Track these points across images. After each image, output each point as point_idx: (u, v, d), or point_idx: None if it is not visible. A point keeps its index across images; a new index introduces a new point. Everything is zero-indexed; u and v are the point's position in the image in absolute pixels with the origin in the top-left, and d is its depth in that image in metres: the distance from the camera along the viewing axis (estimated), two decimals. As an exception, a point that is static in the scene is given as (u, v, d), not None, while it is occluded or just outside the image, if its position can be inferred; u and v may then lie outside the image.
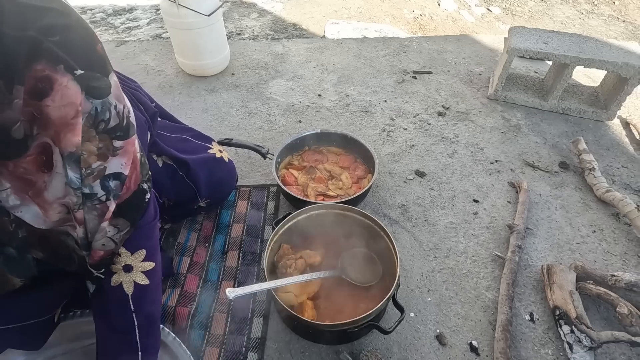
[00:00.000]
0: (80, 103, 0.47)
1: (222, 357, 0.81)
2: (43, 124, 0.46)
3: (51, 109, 0.45)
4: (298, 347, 0.83)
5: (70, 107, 0.46)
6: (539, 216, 1.12)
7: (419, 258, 1.01)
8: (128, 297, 0.58)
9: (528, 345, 0.84)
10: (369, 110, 1.53)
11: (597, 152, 1.32)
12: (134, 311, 0.58)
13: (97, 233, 0.54)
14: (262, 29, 2.61)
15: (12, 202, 0.49)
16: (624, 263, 1.00)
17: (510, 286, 0.91)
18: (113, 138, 0.52)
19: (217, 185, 0.95)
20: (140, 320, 0.59)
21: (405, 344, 0.84)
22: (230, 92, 1.62)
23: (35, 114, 0.45)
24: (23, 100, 0.43)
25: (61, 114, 0.46)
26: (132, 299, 0.58)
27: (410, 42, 2.02)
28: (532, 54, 1.40)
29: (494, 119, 1.48)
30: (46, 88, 0.44)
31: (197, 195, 0.92)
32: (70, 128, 0.47)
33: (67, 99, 0.46)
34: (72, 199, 0.51)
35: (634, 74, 1.31)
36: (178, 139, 0.93)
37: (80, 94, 0.47)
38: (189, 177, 0.88)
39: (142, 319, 0.59)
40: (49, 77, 0.44)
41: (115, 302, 0.58)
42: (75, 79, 0.46)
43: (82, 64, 0.46)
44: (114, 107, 0.51)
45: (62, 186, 0.50)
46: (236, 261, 0.99)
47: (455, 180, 1.23)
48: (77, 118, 0.47)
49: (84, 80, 0.46)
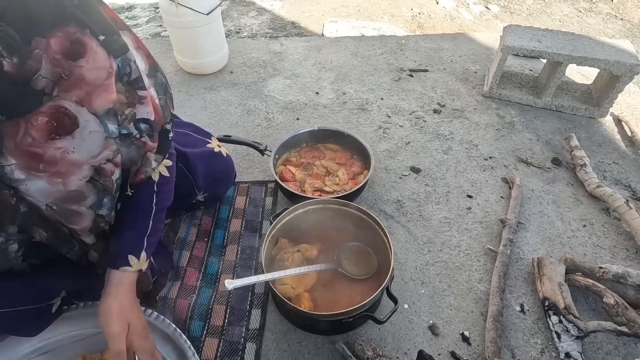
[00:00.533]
0: (110, 65, 0.52)
1: (221, 347, 0.84)
2: (70, 85, 0.49)
3: (85, 70, 0.49)
4: (295, 337, 0.86)
5: (103, 70, 0.51)
6: (531, 211, 1.14)
7: (413, 252, 1.04)
8: (154, 183, 0.71)
9: (518, 335, 0.87)
10: (365, 107, 1.55)
11: (589, 148, 1.35)
12: (155, 192, 0.71)
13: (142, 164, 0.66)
14: (260, 27, 2.63)
15: (16, 175, 0.51)
16: (613, 256, 1.03)
17: (501, 278, 0.94)
18: (136, 88, 0.58)
19: (215, 179, 0.97)
20: (158, 199, 0.72)
21: (399, 334, 0.87)
22: (228, 90, 1.64)
23: (63, 75, 0.48)
24: (53, 59, 0.46)
25: (95, 76, 0.50)
26: (156, 185, 0.71)
27: (407, 40, 2.04)
28: (526, 51, 1.42)
29: (489, 116, 1.51)
30: (80, 50, 0.48)
31: (194, 188, 0.94)
32: (104, 88, 0.52)
33: (99, 63, 0.51)
34: (112, 148, 0.58)
35: (626, 72, 1.33)
36: (178, 133, 0.95)
37: (108, 58, 0.52)
38: (187, 169, 0.90)
39: (159, 200, 0.72)
40: (80, 40, 0.48)
41: (143, 188, 0.70)
42: (100, 44, 0.50)
43: (100, 29, 0.51)
44: (133, 62, 0.57)
45: (100, 142, 0.56)
46: (235, 255, 1.02)
47: (449, 176, 1.26)
48: (110, 79, 0.52)
49: (107, 44, 0.51)
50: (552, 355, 0.83)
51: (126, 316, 0.65)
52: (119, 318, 0.64)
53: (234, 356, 0.82)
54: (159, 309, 0.88)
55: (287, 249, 0.94)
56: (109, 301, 0.65)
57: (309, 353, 0.83)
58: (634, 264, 1.00)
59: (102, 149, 0.56)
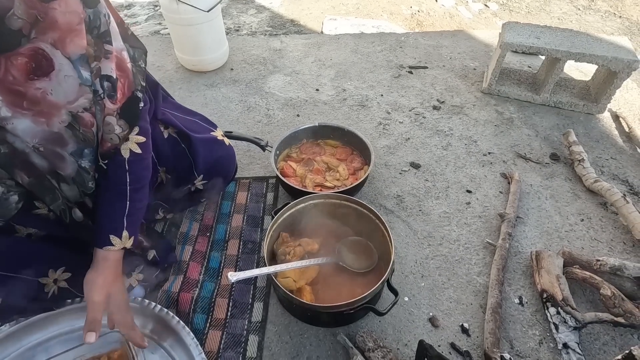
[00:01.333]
0: (82, 12, 0.54)
1: (224, 339, 0.85)
2: (46, 27, 0.51)
3: (58, 12, 0.51)
4: (297, 329, 0.87)
5: (75, 15, 0.54)
6: (530, 205, 1.16)
7: (413, 246, 1.05)
8: (125, 160, 0.69)
9: (517, 327, 0.88)
10: (365, 104, 1.56)
11: (587, 144, 1.36)
12: (127, 171, 0.70)
13: (103, 127, 0.65)
14: (260, 25, 2.64)
15: (3, 113, 0.54)
16: (610, 249, 1.04)
17: (500, 271, 0.95)
18: (104, 42, 0.60)
19: (215, 164, 0.97)
20: (131, 178, 0.71)
21: (400, 326, 0.88)
22: (229, 87, 1.65)
23: (39, 17, 0.50)
24: (26, 1, 0.49)
25: (67, 20, 0.53)
26: (127, 162, 0.70)
27: (407, 37, 2.05)
28: (525, 48, 1.43)
29: (488, 113, 1.52)
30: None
31: (194, 171, 0.94)
32: (76, 33, 0.55)
33: (71, 7, 0.53)
34: (88, 96, 0.60)
35: (623, 68, 1.34)
36: (186, 119, 0.97)
37: (80, 3, 0.54)
38: (189, 151, 0.92)
39: (133, 178, 0.71)
40: None
41: (114, 165, 0.69)
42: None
43: None
44: (104, 15, 0.59)
45: (75, 88, 0.58)
46: (237, 250, 1.03)
47: (449, 172, 1.27)
48: (81, 25, 0.55)
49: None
50: (550, 346, 0.84)
51: (108, 289, 0.68)
52: (101, 289, 0.67)
53: (237, 348, 0.84)
54: (162, 302, 0.89)
55: (288, 243, 0.95)
56: (94, 274, 0.68)
57: (311, 345, 0.84)
58: (630, 257, 1.02)
59: (78, 95, 0.59)
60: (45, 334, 0.80)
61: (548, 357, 0.83)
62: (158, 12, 2.74)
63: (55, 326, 0.81)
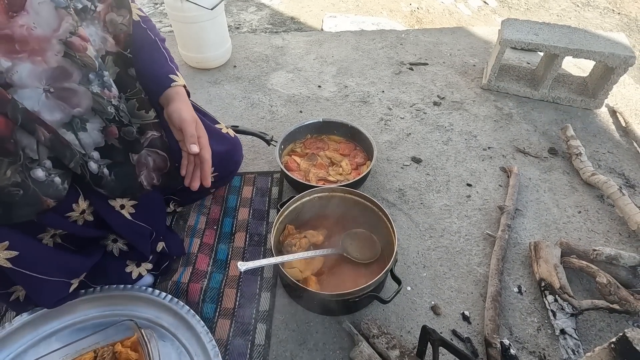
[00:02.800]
0: None
1: (233, 327, 0.88)
2: None
3: None
4: (303, 318, 0.90)
5: None
6: (528, 198, 1.18)
7: (415, 238, 1.08)
8: (139, 22, 0.78)
9: (515, 314, 0.91)
10: (367, 100, 1.59)
11: (584, 138, 1.39)
12: (146, 28, 0.80)
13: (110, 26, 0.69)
14: (260, 22, 2.65)
15: (4, 64, 0.55)
16: (606, 240, 1.07)
17: (500, 261, 0.98)
18: None
19: (222, 158, 0.99)
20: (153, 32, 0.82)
21: (403, 314, 0.91)
22: (232, 84, 1.67)
23: None
24: None
25: None
26: (142, 22, 0.79)
27: (407, 34, 2.07)
28: (524, 44, 1.46)
29: (487, 108, 1.54)
30: None
31: None
32: None
33: None
34: (68, 19, 0.60)
35: (620, 64, 1.37)
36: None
37: None
38: None
39: (154, 32, 0.82)
40: None
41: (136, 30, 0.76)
42: None
43: None
44: None
45: (53, 14, 0.58)
46: (243, 242, 1.05)
47: (449, 166, 1.29)
48: None
49: None
50: (548, 332, 0.87)
51: (192, 112, 0.78)
52: (188, 110, 0.77)
53: (246, 336, 0.86)
54: (172, 292, 0.91)
55: (294, 235, 0.98)
56: (175, 104, 0.77)
57: (317, 332, 0.87)
58: (626, 247, 1.05)
59: (59, 21, 0.60)
60: (60, 323, 0.83)
61: (546, 342, 0.86)
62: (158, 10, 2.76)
63: (69, 315, 0.84)
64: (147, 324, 0.84)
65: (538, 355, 0.83)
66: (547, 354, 0.84)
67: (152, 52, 0.81)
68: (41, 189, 0.63)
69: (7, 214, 0.61)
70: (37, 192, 0.63)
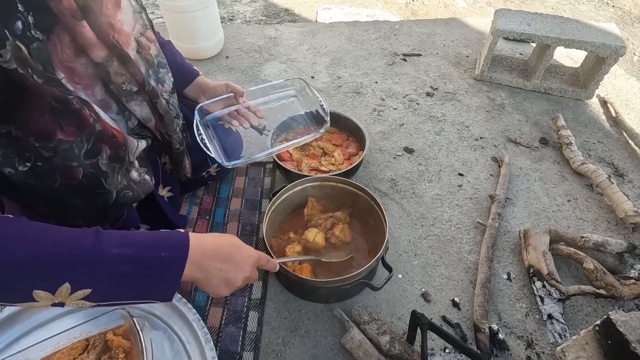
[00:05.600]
0: None
1: (225, 315, 0.88)
2: None
3: None
4: (295, 306, 0.91)
5: None
6: (519, 187, 1.20)
7: (406, 226, 1.09)
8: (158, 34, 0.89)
9: (505, 300, 0.92)
10: (360, 91, 1.58)
11: (575, 128, 1.40)
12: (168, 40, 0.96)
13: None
14: (254, 14, 2.63)
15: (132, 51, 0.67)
16: (595, 228, 1.09)
17: (490, 249, 0.99)
18: None
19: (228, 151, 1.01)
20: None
21: (394, 301, 0.92)
22: (225, 75, 1.66)
23: None
24: None
25: None
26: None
27: (401, 25, 2.06)
28: (516, 34, 1.46)
29: (480, 99, 1.55)
30: None
31: (208, 160, 1.03)
32: None
33: None
34: (140, 22, 0.69)
35: (611, 54, 1.38)
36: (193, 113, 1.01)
37: None
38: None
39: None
40: None
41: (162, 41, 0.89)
42: None
43: None
44: None
45: (132, 16, 0.67)
46: (236, 232, 1.05)
47: (441, 156, 1.30)
48: None
49: None
50: (536, 317, 0.89)
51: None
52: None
53: (238, 323, 0.87)
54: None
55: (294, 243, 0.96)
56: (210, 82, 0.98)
57: (309, 319, 0.88)
58: (613, 234, 1.06)
59: (135, 22, 0.68)
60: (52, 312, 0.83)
61: (534, 327, 0.87)
62: (150, 2, 2.72)
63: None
64: (139, 313, 0.84)
65: (526, 339, 0.85)
66: (535, 339, 0.85)
67: (171, 49, 0.93)
68: (140, 188, 0.71)
69: (116, 214, 0.68)
70: (138, 191, 0.70)
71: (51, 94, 0.51)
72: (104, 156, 0.61)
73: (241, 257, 0.58)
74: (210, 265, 0.55)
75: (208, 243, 0.56)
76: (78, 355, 0.74)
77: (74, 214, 0.63)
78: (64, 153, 0.54)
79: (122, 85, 0.66)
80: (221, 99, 0.96)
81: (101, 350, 0.75)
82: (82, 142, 0.56)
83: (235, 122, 0.97)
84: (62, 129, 0.53)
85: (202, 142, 0.85)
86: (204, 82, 0.97)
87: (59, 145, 0.53)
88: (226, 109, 0.98)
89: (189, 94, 0.97)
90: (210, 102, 0.96)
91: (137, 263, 0.49)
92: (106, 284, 0.48)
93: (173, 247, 0.52)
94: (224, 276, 0.57)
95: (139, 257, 0.49)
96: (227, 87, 0.95)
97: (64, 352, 0.74)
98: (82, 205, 0.61)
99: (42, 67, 0.50)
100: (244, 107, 0.97)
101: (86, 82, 0.60)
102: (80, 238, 0.47)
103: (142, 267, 0.50)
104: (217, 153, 0.88)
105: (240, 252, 0.58)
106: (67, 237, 0.47)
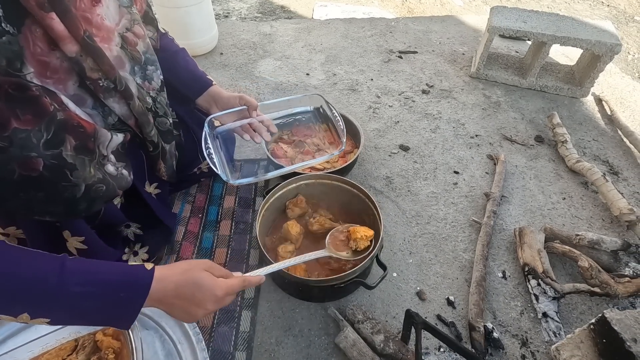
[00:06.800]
0: None
1: (217, 315, 0.87)
2: None
3: None
4: (289, 305, 0.90)
5: None
6: (514, 185, 1.19)
7: (401, 224, 1.08)
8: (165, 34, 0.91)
9: (500, 299, 0.92)
10: (355, 88, 1.57)
11: (570, 126, 1.40)
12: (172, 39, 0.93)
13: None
14: (249, 11, 2.60)
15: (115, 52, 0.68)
16: (590, 226, 1.08)
17: (485, 247, 0.99)
18: None
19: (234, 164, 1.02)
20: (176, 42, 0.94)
21: (388, 300, 0.91)
22: (219, 72, 1.64)
23: None
24: None
25: None
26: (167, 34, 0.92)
27: (397, 22, 2.05)
28: (512, 32, 1.45)
29: (475, 96, 1.54)
30: None
31: (199, 156, 1.01)
32: None
33: None
34: (127, 17, 0.68)
35: (606, 51, 1.38)
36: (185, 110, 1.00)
37: None
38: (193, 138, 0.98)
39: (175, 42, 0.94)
40: None
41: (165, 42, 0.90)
42: None
43: None
44: None
45: (116, 10, 0.66)
46: (229, 230, 1.04)
47: (437, 154, 1.29)
48: None
49: None
50: (531, 315, 0.88)
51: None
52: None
53: (231, 323, 0.86)
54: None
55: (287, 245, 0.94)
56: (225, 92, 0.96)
57: (303, 319, 0.87)
58: (608, 232, 1.06)
59: (120, 17, 0.67)
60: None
61: (528, 326, 0.87)
62: (145, -3, 2.68)
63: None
64: (130, 312, 0.83)
65: (520, 338, 0.85)
66: (529, 337, 0.85)
67: (185, 57, 0.92)
68: (117, 182, 0.70)
69: (89, 208, 0.65)
70: (114, 185, 0.69)
71: (8, 82, 0.49)
72: (69, 147, 0.58)
73: (201, 295, 0.56)
74: (170, 302, 0.55)
75: (170, 283, 0.54)
76: (67, 356, 0.73)
77: (39, 207, 0.60)
78: (20, 142, 0.52)
79: (99, 82, 0.64)
80: (233, 112, 0.94)
81: (90, 350, 0.74)
82: (40, 131, 0.54)
83: (246, 135, 0.96)
84: (17, 117, 0.51)
85: (209, 157, 0.84)
86: (217, 92, 0.94)
87: (14, 135, 0.51)
88: (238, 121, 0.96)
89: (201, 103, 0.95)
90: (222, 114, 0.93)
91: (96, 301, 0.50)
92: (64, 315, 0.49)
93: (134, 288, 0.52)
94: (185, 310, 0.57)
95: (99, 295, 0.50)
96: (240, 99, 0.93)
97: (52, 353, 0.72)
98: (44, 198, 0.59)
99: (5, 62, 0.49)
100: (258, 121, 0.96)
101: (59, 77, 0.58)
102: (45, 274, 0.47)
103: (100, 305, 0.50)
104: (224, 170, 0.87)
105: (201, 290, 0.56)
106: (30, 273, 0.46)
